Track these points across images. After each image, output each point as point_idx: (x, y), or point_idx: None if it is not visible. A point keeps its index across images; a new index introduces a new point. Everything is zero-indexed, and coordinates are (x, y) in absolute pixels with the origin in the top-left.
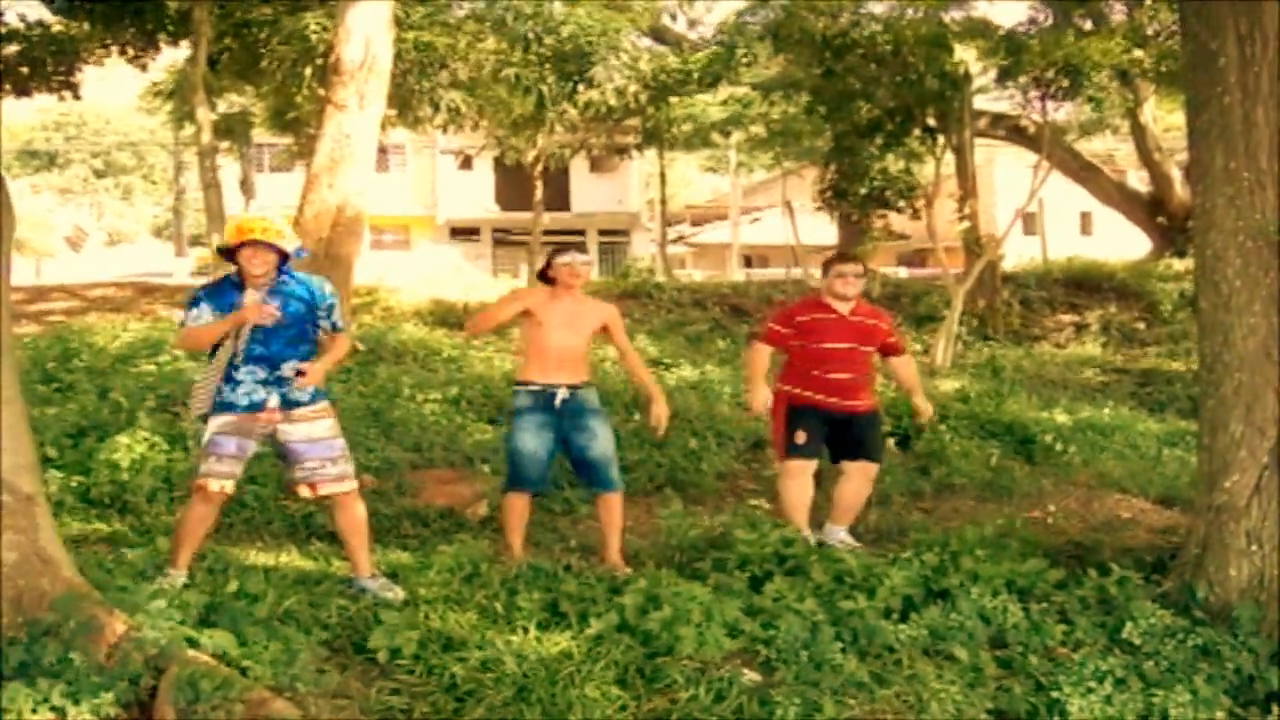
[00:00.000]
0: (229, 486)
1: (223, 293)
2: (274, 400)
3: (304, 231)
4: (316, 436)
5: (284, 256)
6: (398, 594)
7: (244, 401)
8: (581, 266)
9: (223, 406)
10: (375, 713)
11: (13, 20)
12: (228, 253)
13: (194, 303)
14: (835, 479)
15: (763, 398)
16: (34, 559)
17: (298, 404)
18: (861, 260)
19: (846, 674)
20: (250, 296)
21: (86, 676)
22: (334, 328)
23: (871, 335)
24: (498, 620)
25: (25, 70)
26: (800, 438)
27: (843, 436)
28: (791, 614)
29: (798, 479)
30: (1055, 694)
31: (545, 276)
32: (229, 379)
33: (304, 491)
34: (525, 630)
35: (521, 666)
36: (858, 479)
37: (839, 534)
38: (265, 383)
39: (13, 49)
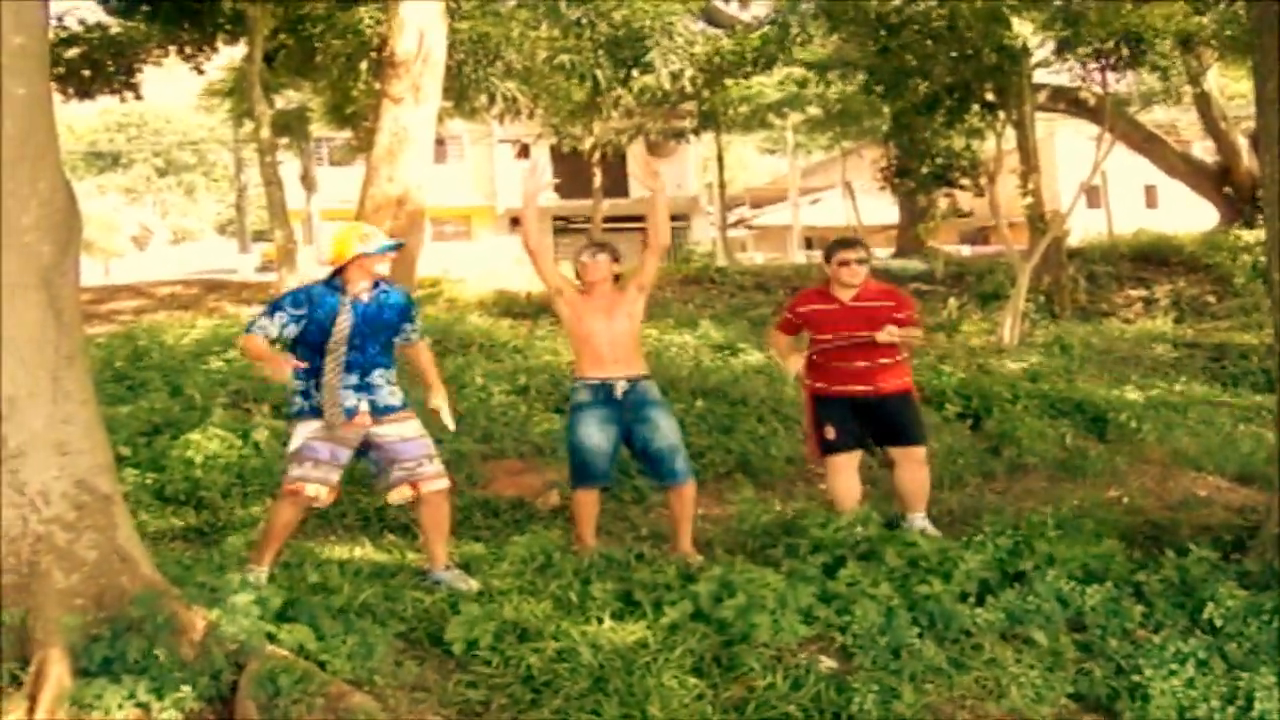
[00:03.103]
0: (323, 493)
1: (320, 301)
2: (365, 406)
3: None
4: (409, 435)
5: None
6: (472, 585)
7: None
8: (594, 263)
9: (315, 411)
10: (453, 705)
11: (73, 24)
12: (338, 270)
13: (272, 310)
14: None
15: (794, 364)
16: (114, 557)
17: (388, 410)
18: (863, 244)
19: (924, 659)
20: (346, 310)
21: (169, 672)
22: (419, 335)
23: (876, 318)
24: (572, 610)
25: (87, 72)
26: (830, 433)
27: (877, 423)
28: (867, 599)
29: (841, 474)
30: (1136, 677)
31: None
32: (321, 386)
33: (402, 492)
34: (600, 620)
35: (597, 656)
36: (904, 464)
37: (917, 522)
38: (357, 389)
39: (74, 52)
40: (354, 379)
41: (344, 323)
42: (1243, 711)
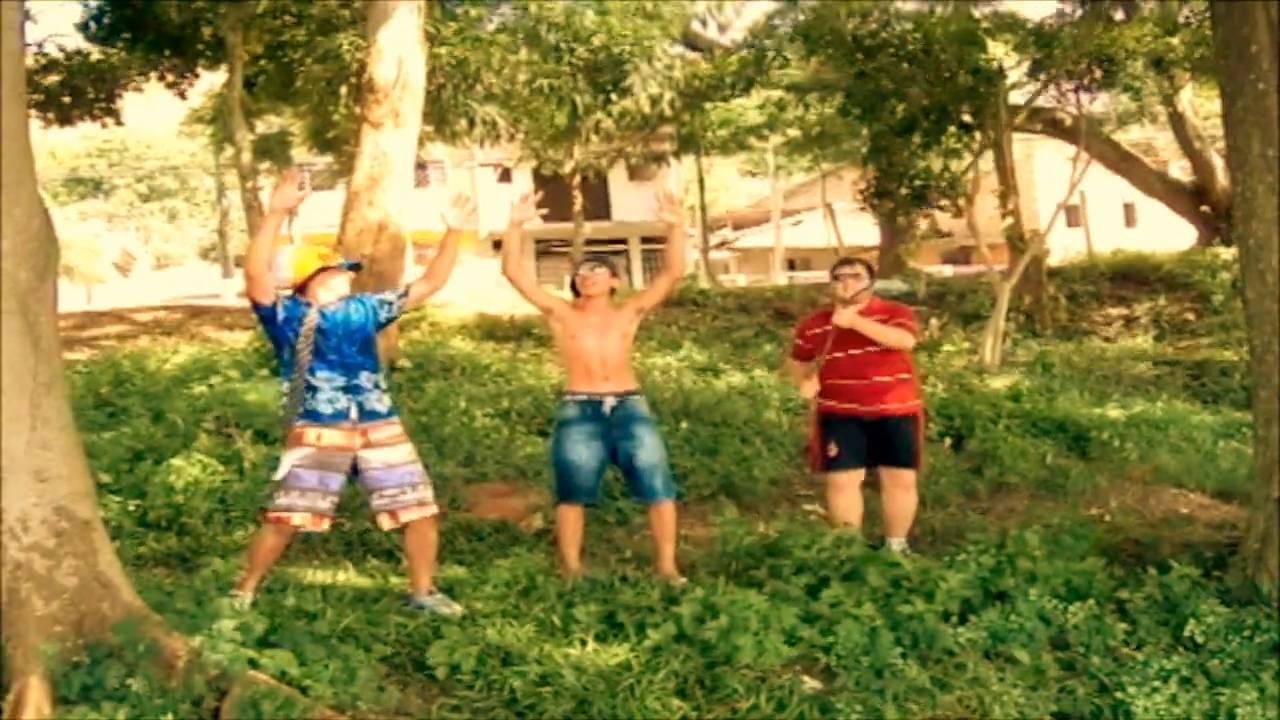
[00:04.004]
0: (308, 521)
1: (290, 309)
2: (354, 411)
3: (346, 250)
4: (394, 462)
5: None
6: (455, 610)
7: (328, 410)
8: (593, 276)
9: (308, 415)
10: None
11: (53, 51)
12: (298, 288)
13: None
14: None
15: (810, 387)
16: (94, 583)
17: (375, 415)
18: (862, 261)
19: (907, 679)
20: (312, 314)
21: (149, 699)
22: (404, 295)
23: None
24: (555, 633)
25: (67, 99)
26: (832, 450)
27: (875, 442)
28: (850, 619)
29: (843, 492)
30: (1119, 694)
31: (575, 288)
32: (309, 387)
33: (385, 521)
34: (583, 642)
35: (580, 679)
36: (890, 487)
37: (895, 546)
38: (344, 390)
39: (54, 78)
40: (341, 380)
41: (310, 323)
42: None
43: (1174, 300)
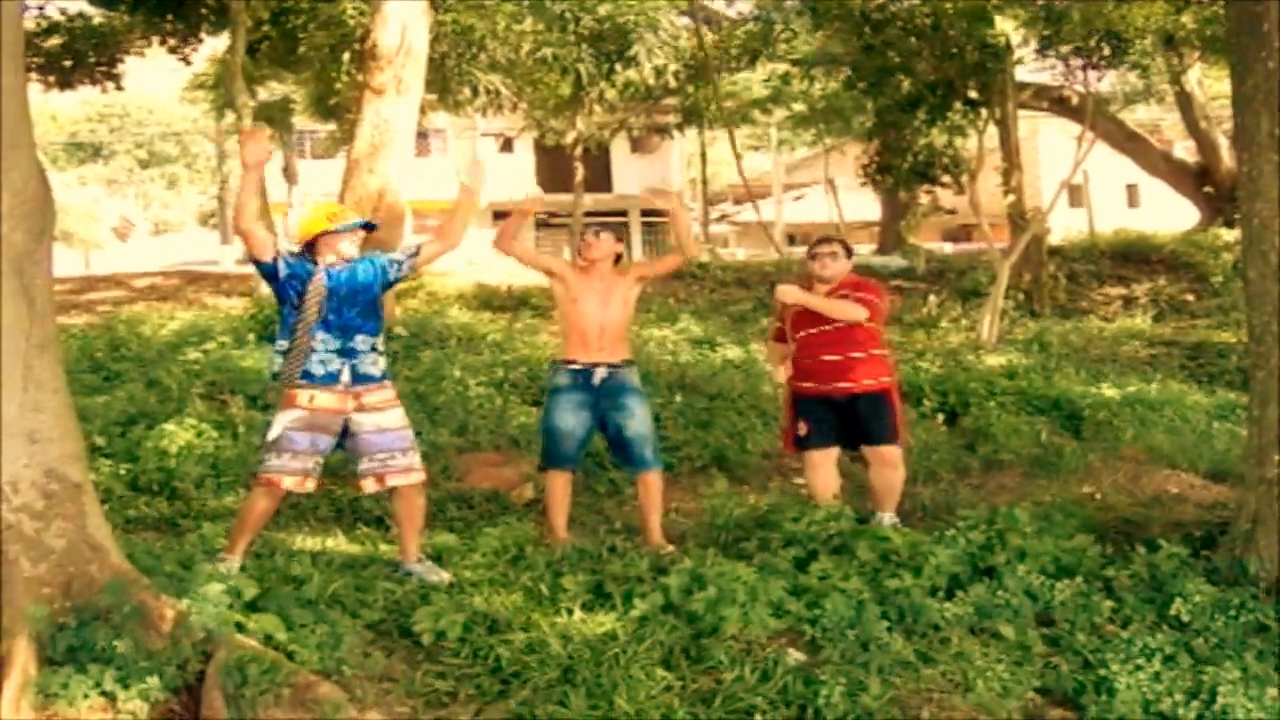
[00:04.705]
0: (303, 484)
1: (295, 268)
2: (346, 374)
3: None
4: (386, 427)
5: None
6: (444, 577)
7: (320, 371)
8: (597, 241)
9: (302, 376)
10: (421, 695)
11: (54, 13)
12: (308, 245)
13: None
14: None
15: (782, 372)
16: (82, 546)
17: (369, 379)
18: (839, 240)
19: (892, 653)
20: (319, 274)
21: (135, 662)
22: (414, 255)
23: None
24: (543, 602)
25: (68, 63)
26: (802, 429)
27: (849, 421)
28: (837, 593)
29: (819, 470)
30: (1103, 671)
31: (580, 255)
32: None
33: (370, 484)
34: (570, 612)
35: (567, 648)
36: (875, 465)
37: (885, 520)
38: (339, 353)
39: (54, 41)
40: (336, 343)
41: (318, 283)
42: (1206, 705)
43: (1173, 281)
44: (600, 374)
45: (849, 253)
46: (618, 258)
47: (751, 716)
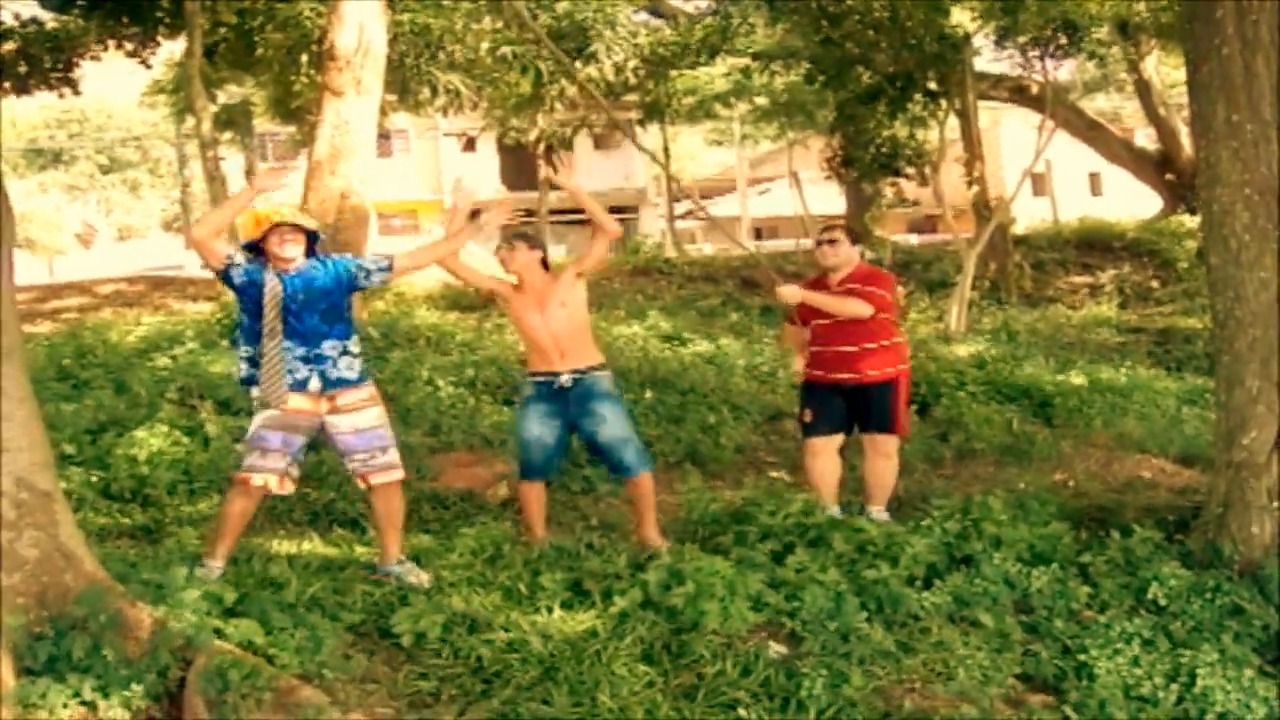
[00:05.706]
0: (272, 482)
1: (249, 271)
2: (315, 381)
3: (310, 214)
4: (363, 427)
5: (311, 239)
6: (423, 578)
7: (289, 380)
8: (513, 254)
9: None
10: (403, 697)
11: (6, 18)
12: (254, 247)
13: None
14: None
15: (798, 362)
16: (56, 555)
17: (342, 382)
18: (841, 226)
19: (873, 643)
20: (272, 280)
21: (115, 670)
22: (387, 269)
23: (859, 298)
24: (522, 601)
25: (23, 68)
26: (807, 416)
27: (856, 408)
28: (815, 585)
29: (819, 457)
30: (1082, 657)
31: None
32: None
33: (361, 482)
34: (550, 610)
35: (547, 646)
36: (870, 453)
37: (874, 514)
38: (305, 360)
39: (9, 46)
40: (300, 350)
41: (272, 291)
42: (1186, 688)
43: (1138, 268)
44: (564, 381)
45: (854, 238)
46: (544, 263)
47: (735, 710)
